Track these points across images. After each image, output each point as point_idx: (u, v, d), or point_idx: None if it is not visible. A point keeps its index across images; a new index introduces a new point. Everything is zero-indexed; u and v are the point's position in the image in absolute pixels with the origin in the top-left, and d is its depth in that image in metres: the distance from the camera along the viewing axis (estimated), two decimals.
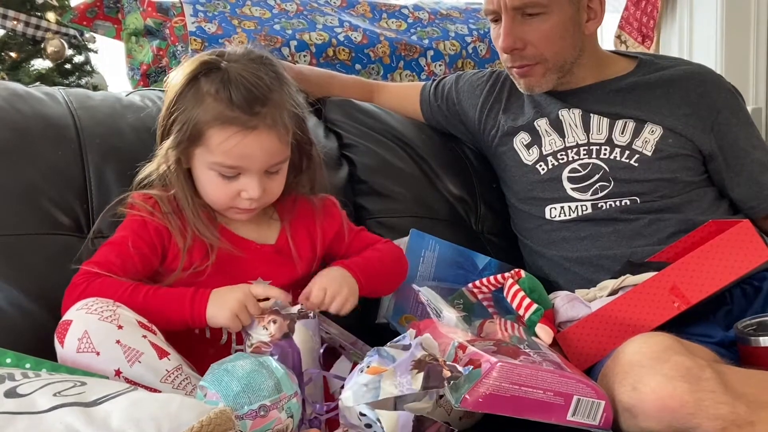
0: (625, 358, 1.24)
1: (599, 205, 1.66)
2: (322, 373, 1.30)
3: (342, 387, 1.25)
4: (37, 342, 1.25)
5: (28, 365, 1.13)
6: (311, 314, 1.33)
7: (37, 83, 3.21)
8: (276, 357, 1.20)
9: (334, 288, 1.36)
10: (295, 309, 1.32)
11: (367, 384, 1.11)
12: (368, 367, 1.13)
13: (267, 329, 1.28)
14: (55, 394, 0.99)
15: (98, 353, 1.18)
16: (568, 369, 1.21)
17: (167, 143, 1.36)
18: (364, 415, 1.11)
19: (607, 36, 3.73)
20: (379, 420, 1.09)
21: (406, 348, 1.19)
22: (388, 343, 1.24)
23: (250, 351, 1.29)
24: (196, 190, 1.40)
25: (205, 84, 1.34)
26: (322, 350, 1.34)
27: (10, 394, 0.98)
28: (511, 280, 1.48)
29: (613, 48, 3.50)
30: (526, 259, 1.80)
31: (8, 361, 1.13)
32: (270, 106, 1.34)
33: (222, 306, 1.29)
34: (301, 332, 1.30)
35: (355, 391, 1.12)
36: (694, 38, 3.28)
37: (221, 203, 1.39)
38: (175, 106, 1.36)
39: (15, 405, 0.96)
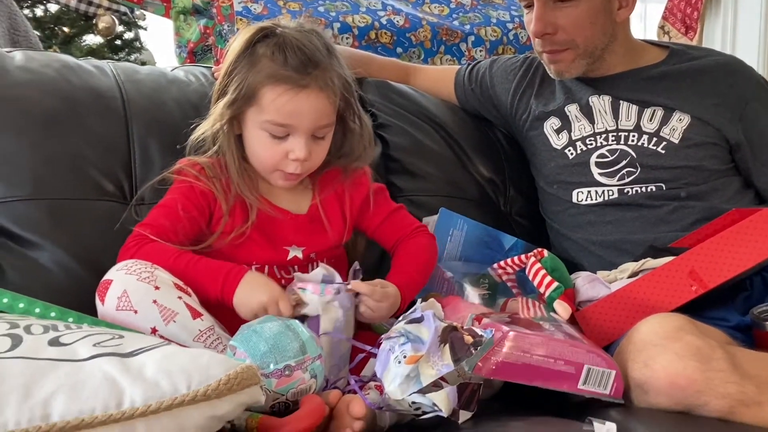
0: (638, 337, 1.28)
1: (625, 191, 1.70)
2: (343, 339, 1.35)
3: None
4: (80, 300, 1.30)
5: (70, 319, 1.20)
6: (340, 289, 1.37)
7: (88, 57, 3.31)
8: None
9: (381, 314, 1.40)
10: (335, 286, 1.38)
11: (408, 374, 1.15)
12: (405, 357, 1.17)
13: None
14: (94, 345, 1.05)
15: (136, 312, 1.24)
16: (582, 340, 1.26)
17: (222, 102, 1.43)
18: (415, 402, 1.15)
19: (650, 26, 3.73)
20: (435, 404, 1.13)
21: (418, 320, 1.23)
22: (402, 319, 1.27)
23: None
24: (244, 155, 1.47)
25: (261, 47, 1.42)
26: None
27: (54, 342, 1.04)
28: (533, 259, 1.52)
29: (656, 38, 3.50)
30: (552, 242, 1.84)
31: (53, 314, 1.20)
32: (321, 69, 1.41)
33: (248, 298, 1.33)
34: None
35: (400, 384, 1.15)
36: (738, 30, 3.27)
37: (268, 165, 1.45)
38: (232, 69, 1.44)
39: (58, 352, 1.02)
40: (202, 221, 1.45)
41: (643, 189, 1.68)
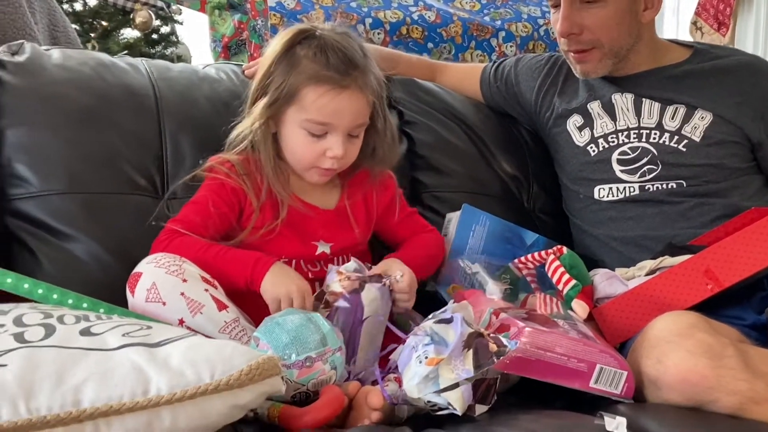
0: (652, 333, 1.31)
1: (646, 187, 1.72)
2: (386, 323, 1.41)
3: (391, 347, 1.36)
4: (112, 291, 1.36)
5: (101, 310, 1.25)
6: (385, 282, 1.44)
7: (125, 52, 3.38)
8: (346, 306, 1.36)
9: (413, 295, 1.49)
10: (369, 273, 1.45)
11: (428, 375, 1.18)
12: (426, 358, 1.20)
13: (341, 282, 1.40)
14: (124, 335, 1.10)
15: (164, 303, 1.30)
16: (595, 340, 1.29)
17: (263, 102, 1.48)
18: (431, 401, 1.19)
19: (683, 21, 3.72)
20: (450, 403, 1.17)
21: (448, 321, 1.27)
22: (432, 317, 1.31)
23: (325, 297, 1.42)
24: (278, 152, 1.52)
25: (301, 49, 1.46)
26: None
27: (85, 332, 1.10)
28: (552, 256, 1.54)
29: (688, 33, 3.50)
30: (575, 238, 1.86)
31: (84, 305, 1.25)
32: (360, 70, 1.46)
33: (276, 285, 1.39)
34: (371, 292, 1.41)
35: (417, 383, 1.19)
36: None
37: (306, 162, 1.50)
38: (272, 70, 1.48)
39: (89, 342, 1.07)
40: (233, 217, 1.50)
41: (664, 186, 1.70)
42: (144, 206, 1.58)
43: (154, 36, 3.73)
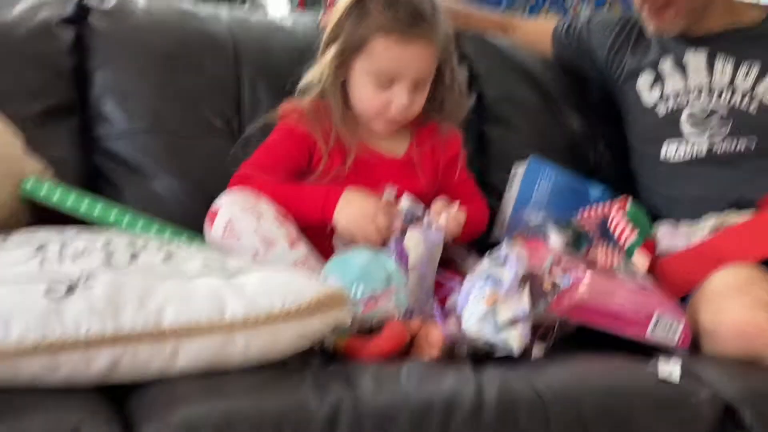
0: (710, 288, 1.33)
1: (714, 148, 1.71)
2: (428, 274, 1.44)
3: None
4: (189, 228, 1.44)
5: (183, 237, 1.32)
6: (428, 222, 1.47)
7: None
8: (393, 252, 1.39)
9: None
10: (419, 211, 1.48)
11: (485, 313, 1.22)
12: (483, 297, 1.24)
13: None
14: (202, 264, 1.17)
15: (239, 239, 1.37)
16: (654, 291, 1.31)
17: (332, 50, 1.52)
18: (488, 342, 1.23)
19: None
20: (508, 342, 1.21)
21: (502, 263, 1.30)
22: (487, 258, 1.35)
23: None
24: (347, 101, 1.56)
25: (371, 2, 1.49)
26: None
27: (167, 259, 1.17)
28: (616, 208, 1.56)
29: None
30: (641, 197, 1.84)
31: (167, 234, 1.33)
32: (428, 23, 1.50)
33: (351, 224, 1.44)
34: (413, 237, 1.44)
35: (476, 322, 1.23)
36: None
37: (372, 110, 1.54)
38: (343, 20, 1.52)
39: (170, 268, 1.14)
40: (302, 161, 1.55)
41: (733, 147, 1.70)
42: (220, 147, 1.64)
43: None
